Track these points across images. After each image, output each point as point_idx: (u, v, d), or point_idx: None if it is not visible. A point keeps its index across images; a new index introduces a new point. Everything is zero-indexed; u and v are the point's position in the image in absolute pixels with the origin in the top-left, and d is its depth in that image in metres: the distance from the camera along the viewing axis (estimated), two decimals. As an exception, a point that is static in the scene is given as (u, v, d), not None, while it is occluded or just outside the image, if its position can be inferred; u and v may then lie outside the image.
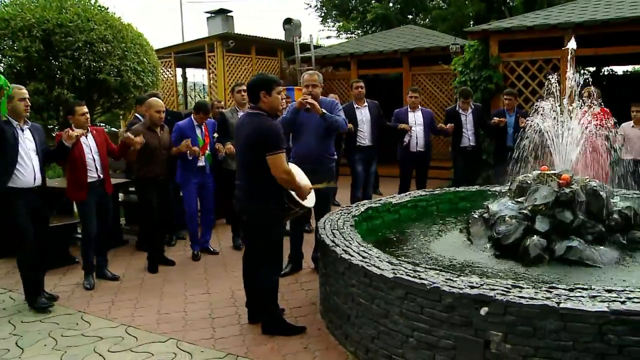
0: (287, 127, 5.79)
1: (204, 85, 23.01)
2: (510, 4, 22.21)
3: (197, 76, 24.35)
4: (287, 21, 17.15)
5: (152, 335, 4.75)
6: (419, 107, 8.82)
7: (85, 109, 5.87)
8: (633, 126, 7.64)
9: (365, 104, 8.25)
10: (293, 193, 4.62)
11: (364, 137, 8.17)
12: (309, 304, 5.33)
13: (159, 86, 10.89)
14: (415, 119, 8.64)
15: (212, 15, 16.41)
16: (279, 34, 23.93)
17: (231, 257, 6.98)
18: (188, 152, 6.64)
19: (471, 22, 21.49)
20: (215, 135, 7.09)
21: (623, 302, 3.14)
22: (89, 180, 5.86)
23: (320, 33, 33.98)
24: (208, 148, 7.02)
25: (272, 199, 4.49)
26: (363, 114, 8.20)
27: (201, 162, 6.98)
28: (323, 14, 27.37)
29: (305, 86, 6.00)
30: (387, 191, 9.55)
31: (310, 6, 27.84)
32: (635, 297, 3.21)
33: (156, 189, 6.43)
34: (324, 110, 5.80)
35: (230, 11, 16.53)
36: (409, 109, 8.74)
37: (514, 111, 8.77)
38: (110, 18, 9.19)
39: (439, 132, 9.08)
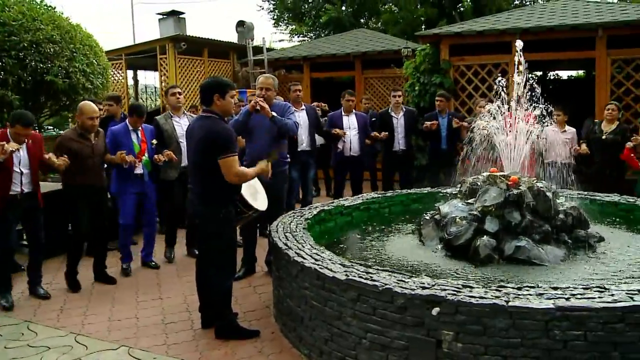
0: (239, 129, 5.76)
1: (155, 87, 22.70)
2: (461, 9, 22.61)
3: (148, 79, 23.98)
4: (240, 24, 17.06)
5: (103, 343, 4.64)
6: (354, 111, 8.66)
7: (29, 131, 5.45)
8: (554, 130, 7.81)
9: (303, 107, 7.96)
10: (245, 196, 4.61)
11: (301, 141, 7.79)
12: (263, 308, 5.31)
13: (109, 88, 10.66)
14: (350, 123, 8.47)
15: (164, 16, 16.17)
16: (231, 36, 23.78)
17: (184, 262, 6.89)
18: (125, 162, 6.19)
19: (422, 26, 21.78)
20: (154, 142, 6.68)
21: (567, 299, 3.25)
22: (11, 193, 5.44)
23: (273, 36, 34.02)
24: (146, 154, 6.56)
25: (225, 202, 4.47)
26: (300, 118, 7.66)
27: (139, 170, 6.50)
28: (276, 17, 27.31)
29: (259, 89, 5.97)
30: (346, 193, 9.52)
31: (263, 9, 27.78)
32: (578, 294, 3.33)
33: (89, 198, 5.98)
34: (273, 114, 5.77)
35: (182, 13, 16.34)
36: (343, 113, 8.56)
37: (447, 113, 8.92)
38: (57, 18, 8.93)
39: (373, 139, 8.81)
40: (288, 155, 6.36)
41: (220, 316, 4.63)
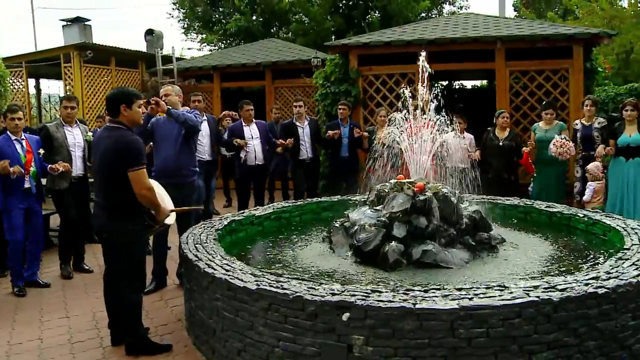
0: (145, 136, 5.65)
1: (60, 97, 21.76)
2: (369, 20, 23.14)
3: (52, 88, 23.01)
4: (149, 32, 16.72)
5: (2, 368, 4.39)
6: (254, 120, 8.57)
7: None
8: (454, 136, 8.14)
9: (204, 117, 7.89)
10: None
11: (203, 151, 7.76)
12: (175, 321, 5.21)
13: (8, 97, 10.15)
14: (251, 133, 8.40)
15: (68, 23, 15.60)
16: (140, 45, 23.23)
17: (91, 278, 6.65)
18: (11, 173, 5.85)
19: (332, 37, 22.11)
20: (41, 151, 6.38)
21: (471, 299, 3.41)
22: None
23: (183, 44, 33.45)
24: (33, 165, 6.22)
25: (133, 216, 4.36)
26: (202, 128, 7.51)
27: (27, 184, 6.15)
28: (186, 26, 26.94)
29: (160, 97, 5.93)
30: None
31: (173, 17, 27.36)
32: (481, 293, 3.49)
33: None
34: (169, 107, 5.69)
35: (87, 20, 15.82)
36: (243, 123, 8.49)
37: (348, 122, 9.11)
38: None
39: (275, 146, 8.82)
40: (197, 166, 6.28)
41: (131, 332, 4.51)
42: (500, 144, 8.15)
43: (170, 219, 4.82)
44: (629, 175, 7.34)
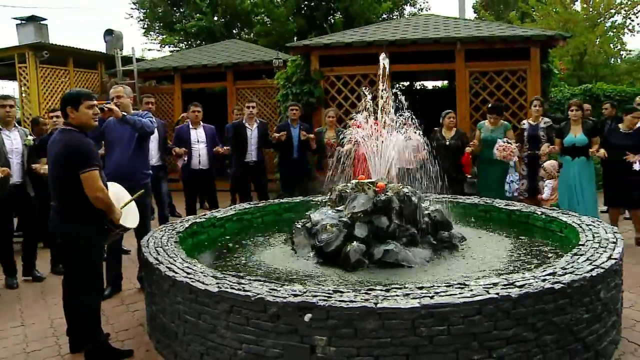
0: (97, 140, 5.56)
1: (15, 99, 21.20)
2: (331, 21, 23.21)
3: (7, 89, 22.42)
4: (108, 32, 16.46)
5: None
6: (201, 123, 8.39)
7: None
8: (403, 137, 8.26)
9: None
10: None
11: (152, 155, 7.19)
12: (136, 326, 5.13)
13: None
14: (198, 136, 8.24)
15: (23, 22, 15.16)
16: (99, 45, 22.84)
17: (49, 283, 6.50)
18: None
19: (294, 38, 22.12)
20: None
21: (432, 297, 3.44)
22: None
23: (143, 45, 32.97)
24: None
25: (88, 219, 4.27)
26: None
27: None
28: (146, 26, 26.57)
29: (111, 99, 5.85)
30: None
31: (133, 17, 27.02)
32: (441, 292, 3.53)
33: None
34: (123, 113, 5.60)
35: (44, 19, 15.41)
36: (190, 126, 8.32)
37: (298, 124, 9.13)
38: None
39: (220, 152, 8.52)
40: (150, 169, 6.22)
41: (90, 338, 4.41)
42: (447, 143, 8.29)
43: (133, 222, 4.75)
44: (574, 173, 7.59)
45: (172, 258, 4.49)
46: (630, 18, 21.53)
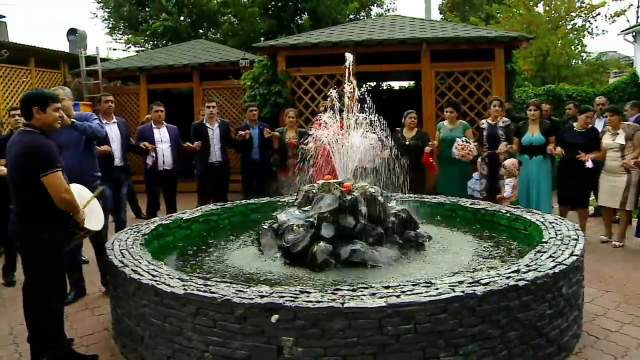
0: None
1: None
2: (299, 21, 23.22)
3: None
4: (72, 32, 16.19)
5: None
6: (164, 123, 8.25)
7: None
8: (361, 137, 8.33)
9: (115, 120, 7.37)
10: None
11: (115, 156, 7.19)
12: (101, 330, 5.04)
13: None
14: (161, 136, 8.12)
15: (-21, 20, 14.89)
16: (62, 45, 22.44)
17: (9, 290, 6.34)
18: None
19: (262, 38, 22.05)
20: None
21: (398, 296, 3.46)
22: None
23: (108, 45, 32.48)
24: None
25: (50, 223, 4.17)
26: (112, 131, 7.20)
27: None
28: (111, 26, 26.17)
29: None
30: (185, 206, 9.22)
31: (97, 16, 26.48)
32: (408, 290, 3.56)
33: None
34: (72, 120, 5.52)
35: (2, 16, 15.08)
36: (153, 126, 8.17)
37: (257, 124, 9.10)
38: None
39: (185, 150, 8.51)
40: (99, 170, 6.07)
41: (53, 345, 4.31)
42: (407, 143, 8.37)
43: (97, 224, 4.67)
44: (532, 171, 7.81)
45: (137, 261, 4.43)
46: (589, 21, 22.06)
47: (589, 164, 7.38)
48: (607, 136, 7.49)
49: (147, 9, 24.76)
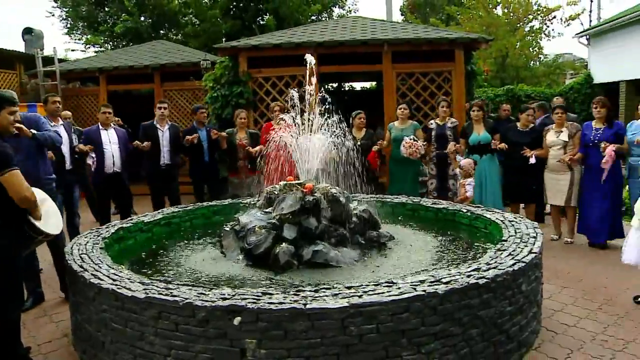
0: None
1: None
2: (261, 22, 23.14)
3: None
4: (28, 31, 15.85)
5: None
6: (112, 125, 8.10)
7: None
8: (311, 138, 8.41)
9: (61, 122, 7.25)
10: (34, 221, 4.21)
11: (65, 159, 7.00)
12: (61, 337, 4.95)
13: None
14: (109, 138, 7.92)
15: None
16: (18, 44, 21.93)
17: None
18: None
19: (224, 39, 21.92)
20: None
21: (360, 296, 3.48)
22: None
23: (66, 46, 31.81)
24: None
25: (5, 226, 4.06)
26: (60, 133, 6.74)
27: None
28: (69, 26, 25.62)
29: None
30: (142, 209, 9.11)
31: (54, 16, 25.89)
32: (370, 290, 3.57)
33: None
34: (33, 132, 5.40)
35: (-50, 15, 14.70)
36: (100, 127, 7.95)
37: (204, 126, 9.07)
38: None
39: (135, 150, 8.34)
40: (53, 172, 5.97)
41: (8, 353, 4.20)
42: (358, 143, 8.44)
43: (56, 229, 4.56)
44: (484, 169, 8.03)
45: (97, 265, 4.35)
46: (546, 24, 22.60)
47: (533, 160, 7.65)
48: (552, 133, 7.73)
49: (106, 9, 24.35)
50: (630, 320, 4.90)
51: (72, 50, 26.60)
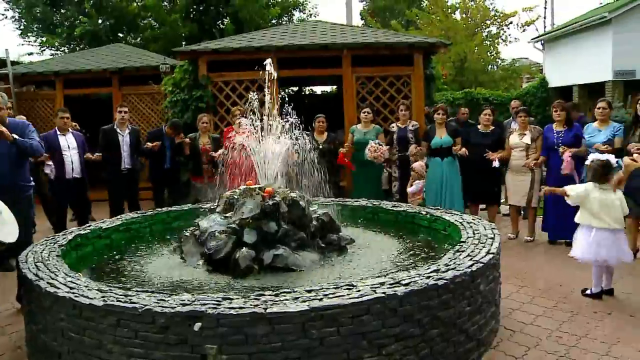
0: None
1: None
2: (221, 26, 23.00)
3: None
4: (-22, 33, 15.37)
5: None
6: (70, 129, 7.96)
7: None
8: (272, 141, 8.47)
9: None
10: None
11: None
12: (14, 349, 4.81)
13: None
14: (68, 143, 7.80)
15: None
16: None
17: None
18: None
19: (184, 43, 21.70)
20: None
21: (320, 300, 3.50)
22: None
23: (20, 48, 31.03)
24: None
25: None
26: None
27: None
28: (23, 27, 24.97)
29: None
30: (97, 216, 8.91)
31: (7, 17, 25.22)
32: (330, 294, 3.60)
33: None
34: (15, 136, 5.27)
35: None
36: (58, 132, 7.81)
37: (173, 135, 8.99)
38: None
39: (90, 158, 8.08)
40: (32, 179, 5.86)
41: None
42: (320, 147, 8.50)
43: (10, 236, 4.46)
44: (444, 172, 8.15)
45: (53, 273, 4.26)
46: (503, 29, 23.10)
47: (496, 163, 7.85)
48: (515, 136, 7.94)
49: (62, 10, 23.84)
50: (583, 316, 5.07)
51: (30, 54, 25.71)
